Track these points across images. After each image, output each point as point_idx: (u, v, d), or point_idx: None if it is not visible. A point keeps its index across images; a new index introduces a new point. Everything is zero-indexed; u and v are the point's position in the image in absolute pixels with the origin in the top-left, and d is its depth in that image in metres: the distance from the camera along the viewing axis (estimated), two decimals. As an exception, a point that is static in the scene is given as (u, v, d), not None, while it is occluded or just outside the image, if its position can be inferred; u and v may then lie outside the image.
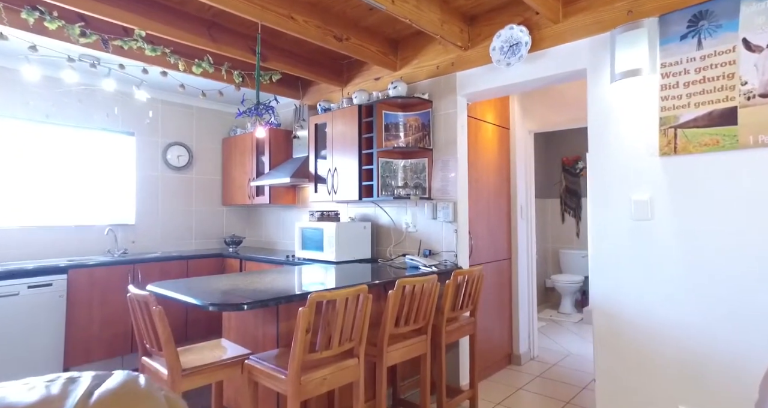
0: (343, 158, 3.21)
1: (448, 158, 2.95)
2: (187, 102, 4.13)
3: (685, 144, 1.93)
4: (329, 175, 3.31)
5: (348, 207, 3.59)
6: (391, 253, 3.24)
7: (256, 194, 3.99)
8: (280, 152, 3.93)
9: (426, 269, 2.67)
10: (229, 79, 3.08)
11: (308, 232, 3.28)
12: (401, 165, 3.15)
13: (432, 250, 3.01)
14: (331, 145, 3.30)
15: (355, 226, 3.18)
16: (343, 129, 3.21)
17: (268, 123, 2.38)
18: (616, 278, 2.18)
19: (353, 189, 3.13)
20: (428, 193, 3.03)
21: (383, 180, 3.06)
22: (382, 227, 3.33)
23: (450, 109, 2.95)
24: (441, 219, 2.95)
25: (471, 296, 2.58)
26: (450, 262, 2.91)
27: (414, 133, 3.10)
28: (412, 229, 3.12)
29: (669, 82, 1.98)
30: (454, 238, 2.90)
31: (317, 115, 3.44)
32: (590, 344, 3.99)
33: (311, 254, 3.22)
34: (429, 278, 2.18)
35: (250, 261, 3.55)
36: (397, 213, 3.23)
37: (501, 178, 3.47)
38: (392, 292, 2.03)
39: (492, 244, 3.33)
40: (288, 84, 3.82)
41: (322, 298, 1.68)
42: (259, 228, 4.47)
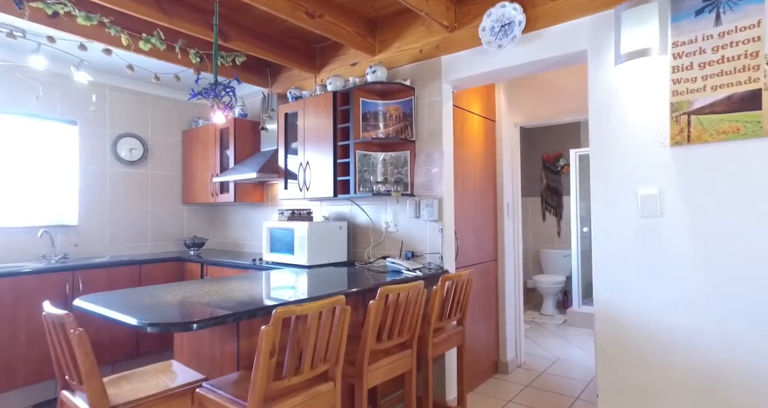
0: (316, 151, 2.90)
1: (433, 151, 2.69)
2: (140, 88, 3.71)
3: (699, 132, 1.73)
4: (300, 169, 2.99)
5: (322, 205, 3.28)
6: (370, 256, 2.96)
7: (219, 192, 3.62)
8: (247, 145, 3.58)
9: (409, 274, 2.40)
10: (184, 61, 2.72)
11: (277, 233, 2.95)
12: (380, 158, 2.86)
13: (415, 251, 2.74)
14: (303, 136, 2.99)
15: (330, 225, 2.88)
16: (316, 119, 2.90)
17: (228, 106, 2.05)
18: (622, 281, 1.97)
19: (327, 185, 2.82)
20: (410, 190, 2.76)
21: (361, 175, 2.77)
22: (359, 227, 3.04)
23: (434, 97, 2.69)
24: (425, 218, 2.68)
25: (459, 303, 2.32)
26: (434, 264, 2.65)
27: (395, 124, 2.82)
28: (393, 228, 2.85)
29: (682, 63, 1.77)
30: (439, 239, 2.64)
31: (287, 103, 3.12)
32: (576, 348, 3.82)
33: (281, 257, 2.90)
34: (415, 285, 1.90)
35: (212, 266, 3.19)
36: (377, 211, 2.95)
37: (487, 174, 3.24)
38: (374, 303, 1.74)
39: (478, 245, 3.09)
40: (255, 70, 3.47)
41: (291, 313, 1.38)
42: (225, 229, 4.10)
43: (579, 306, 4.63)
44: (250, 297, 1.74)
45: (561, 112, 3.25)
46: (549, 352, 3.72)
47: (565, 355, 3.63)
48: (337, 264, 2.86)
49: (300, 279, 2.29)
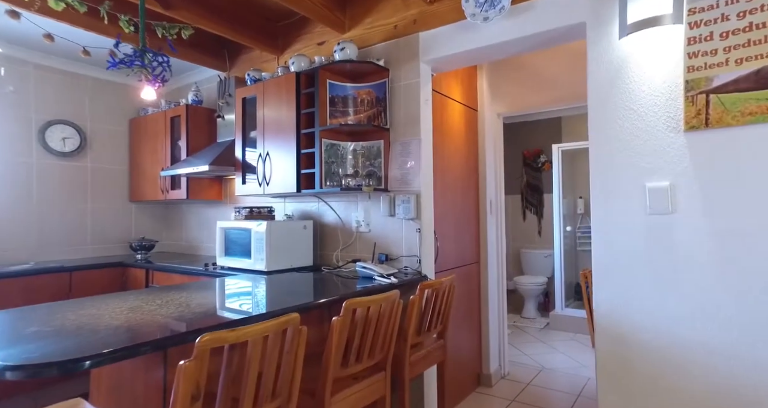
0: (277, 140, 2.54)
1: (409, 140, 2.38)
2: (75, 69, 3.24)
3: (720, 114, 1.48)
4: (260, 161, 2.63)
5: (286, 202, 2.92)
6: (339, 259, 2.62)
7: (170, 187, 3.21)
8: (201, 136, 3.18)
9: (383, 280, 2.07)
10: (114, 30, 2.30)
11: (232, 235, 2.58)
12: (350, 148, 2.53)
13: (389, 254, 2.43)
14: (263, 124, 2.62)
15: (293, 225, 2.53)
16: (277, 103, 2.54)
17: (158, 79, 1.68)
18: (626, 289, 1.70)
19: (290, 179, 2.47)
20: (384, 184, 2.44)
21: (328, 167, 2.43)
22: (327, 227, 2.70)
23: (411, 79, 2.38)
24: (401, 216, 2.37)
25: (440, 314, 2.02)
26: (412, 269, 2.34)
27: (366, 109, 2.50)
28: (365, 228, 2.52)
29: (700, 33, 1.51)
30: (416, 240, 2.33)
31: (245, 87, 2.75)
32: (561, 355, 3.59)
33: (236, 262, 2.53)
34: (388, 297, 1.58)
35: (159, 271, 2.79)
36: (346, 209, 2.61)
37: (469, 169, 2.95)
38: (337, 321, 1.41)
39: (459, 246, 2.80)
40: (211, 51, 3.09)
41: (221, 341, 1.03)
42: (179, 229, 3.67)
43: (562, 309, 4.42)
44: (180, 315, 1.38)
45: (547, 101, 2.99)
46: (533, 360, 3.47)
47: (551, 364, 3.39)
48: (301, 269, 2.51)
49: (255, 288, 1.93)
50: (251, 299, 1.68)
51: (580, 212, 4.89)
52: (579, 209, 4.89)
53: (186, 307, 1.50)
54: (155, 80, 1.66)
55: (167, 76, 1.72)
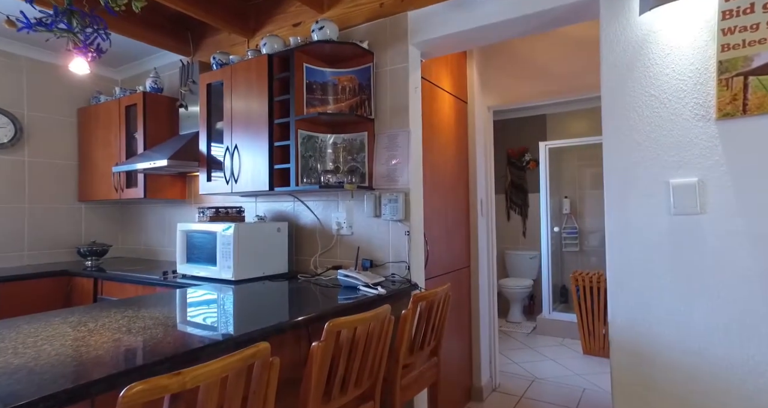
0: (247, 132, 2.24)
1: (397, 132, 2.12)
2: (5, 47, 2.83)
3: (761, 99, 1.29)
4: (227, 156, 2.32)
5: (257, 202, 2.62)
6: (318, 266, 2.35)
7: (125, 185, 2.85)
8: (161, 128, 2.84)
9: (369, 291, 1.81)
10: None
11: (195, 238, 2.26)
12: (330, 141, 2.26)
13: (374, 260, 2.17)
14: (230, 113, 2.32)
15: (265, 227, 2.24)
16: (247, 89, 2.25)
17: (92, 48, 1.36)
18: (647, 299, 1.50)
19: (261, 175, 2.18)
20: (369, 181, 2.18)
21: (305, 162, 2.15)
22: (304, 229, 2.42)
23: (398, 64, 2.13)
24: (387, 216, 2.11)
25: (435, 329, 1.77)
26: (400, 276, 2.09)
27: (348, 98, 2.23)
28: (347, 231, 2.25)
29: (737, 5, 1.32)
30: (405, 243, 2.08)
31: (211, 71, 2.43)
32: (553, 363, 3.41)
33: (200, 270, 2.21)
34: (378, 313, 1.32)
35: (110, 281, 2.43)
36: (326, 209, 2.34)
37: (459, 165, 2.73)
38: (318, 347, 1.14)
39: (450, 250, 2.57)
40: (172, 32, 2.75)
41: (159, 391, 0.75)
42: (136, 232, 3.30)
43: (549, 312, 4.26)
44: (114, 348, 1.08)
45: (541, 93, 2.80)
46: (524, 370, 3.28)
47: (543, 373, 3.21)
48: (274, 277, 2.22)
49: (219, 303, 1.64)
50: (212, 319, 1.39)
51: (566, 212, 4.76)
52: (565, 209, 4.76)
53: (126, 333, 1.20)
54: (87, 49, 1.34)
55: (104, 45, 1.41)
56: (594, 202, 4.65)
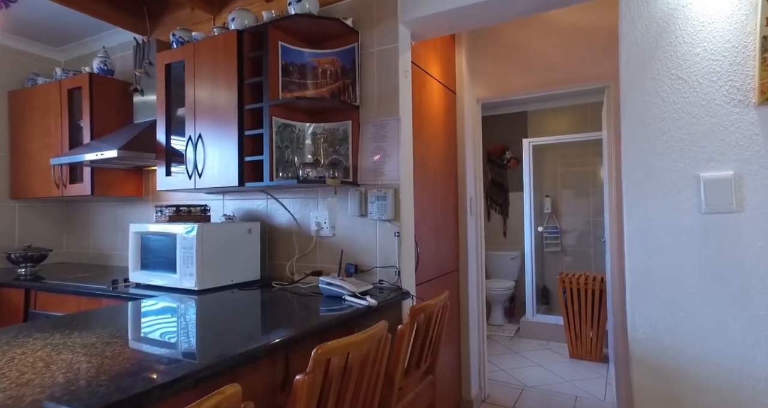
0: (213, 119, 1.95)
1: (385, 121, 1.89)
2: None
3: (809, 81, 1.14)
4: (190, 146, 2.02)
5: (225, 200, 2.33)
6: (295, 271, 2.08)
7: (69, 181, 2.49)
8: (112, 115, 2.50)
9: (358, 302, 1.57)
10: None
11: (152, 242, 1.95)
12: (309, 131, 2.01)
13: (360, 265, 1.93)
14: (193, 97, 2.02)
15: (234, 228, 1.96)
16: (213, 71, 1.96)
17: None
18: (673, 309, 1.33)
19: (229, 169, 1.90)
20: (353, 176, 1.94)
21: (280, 154, 1.89)
22: (278, 230, 2.15)
23: (387, 44, 1.90)
24: (374, 216, 1.88)
25: (432, 344, 1.56)
26: (389, 283, 1.86)
27: (330, 82, 1.98)
28: (328, 232, 2.00)
29: (782, -24, 1.17)
30: (394, 246, 1.85)
31: (170, 50, 2.12)
32: (541, 369, 3.27)
33: (157, 278, 1.91)
34: (374, 333, 1.09)
35: (46, 292, 2.08)
36: (304, 207, 2.08)
37: (448, 160, 2.52)
38: (304, 381, 0.89)
39: (440, 252, 2.36)
40: (125, 6, 2.42)
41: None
42: (84, 235, 2.92)
43: (533, 315, 4.14)
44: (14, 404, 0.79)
45: (534, 84, 2.64)
46: (512, 377, 3.11)
47: (531, 380, 3.05)
48: (245, 285, 1.94)
49: (178, 320, 1.35)
50: (167, 344, 1.11)
51: (548, 212, 4.66)
52: (546, 208, 4.66)
53: (39, 374, 0.91)
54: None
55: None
56: (575, 201, 4.58)
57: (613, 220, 2.48)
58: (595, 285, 3.35)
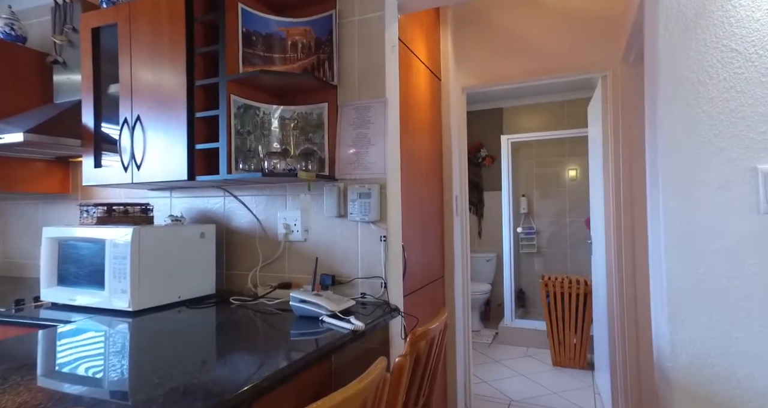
0: (155, 97, 1.58)
1: (369, 103, 1.59)
2: None
3: None
4: (125, 131, 1.63)
5: (172, 197, 1.94)
6: (258, 284, 1.74)
7: (-29, 174, 2.01)
8: (24, 92, 2.04)
9: (339, 325, 1.25)
10: None
11: (74, 250, 1.54)
12: (277, 114, 1.67)
13: (338, 275, 1.61)
14: (129, 71, 1.63)
15: (183, 232, 1.59)
16: (154, 36, 1.58)
17: None
18: (726, 328, 1.11)
19: (176, 159, 1.53)
20: (330, 169, 1.62)
21: (241, 141, 1.54)
22: (238, 234, 1.79)
23: (370, 12, 1.60)
24: (356, 216, 1.57)
25: (431, 373, 1.27)
26: (372, 297, 1.56)
27: (302, 57, 1.65)
28: (299, 235, 1.67)
29: None
30: (380, 253, 1.55)
31: (97, 10, 1.71)
32: (526, 380, 3.06)
33: (78, 295, 1.51)
34: (370, 382, 0.79)
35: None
36: (270, 206, 1.74)
37: (434, 154, 2.25)
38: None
39: (426, 258, 2.08)
40: (44, -40, 1.97)
41: None
42: None
43: (512, 320, 3.95)
44: None
45: (524, 72, 2.41)
46: (496, 390, 2.89)
47: (517, 393, 2.84)
48: (195, 302, 1.57)
49: (104, 356, 0.98)
50: (79, 403, 0.75)
51: (524, 211, 4.51)
52: (522, 208, 4.51)
53: None
54: None
55: None
56: (551, 201, 4.45)
57: (610, 221, 2.30)
58: (579, 288, 3.19)
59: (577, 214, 4.33)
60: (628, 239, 2.17)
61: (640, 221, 2.14)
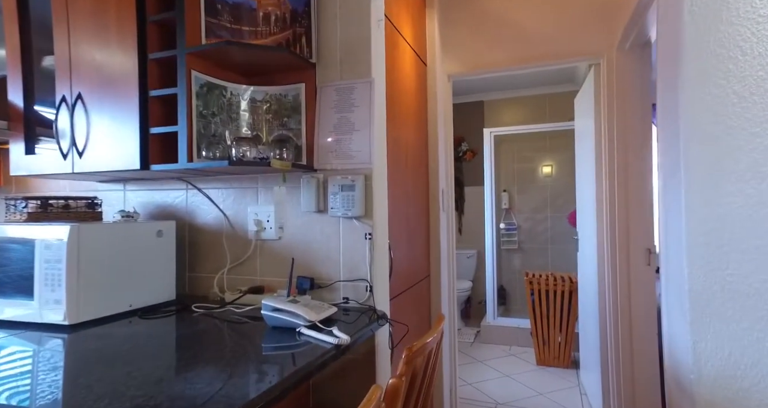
0: (99, 73, 1.34)
1: (352, 84, 1.40)
2: None
3: None
4: (63, 111, 1.39)
5: (126, 190, 1.70)
6: (226, 289, 1.53)
7: None
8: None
9: (320, 338, 1.06)
10: None
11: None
12: (247, 96, 1.46)
13: (318, 278, 1.42)
14: (67, 41, 1.38)
15: (135, 231, 1.36)
16: (95, 1, 1.34)
17: None
18: (759, 338, 0.99)
19: (126, 145, 1.31)
20: (307, 158, 1.43)
21: (204, 125, 1.33)
22: (204, 232, 1.58)
23: (356, -20, 1.41)
24: (338, 211, 1.38)
25: (425, 390, 1.10)
26: (356, 301, 1.38)
27: (276, 31, 1.45)
28: (273, 233, 1.47)
29: None
30: (365, 252, 1.37)
31: (34, -29, 1.46)
32: (512, 381, 2.96)
33: (7, 308, 1.26)
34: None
35: None
36: (239, 200, 1.53)
37: (419, 144, 2.09)
38: None
39: (412, 256, 1.92)
40: None
41: None
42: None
43: (494, 318, 3.86)
44: None
45: (515, 59, 2.28)
46: (482, 393, 2.77)
47: (503, 395, 2.72)
48: (150, 311, 1.35)
49: (31, 387, 0.77)
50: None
51: (505, 207, 4.42)
52: (504, 204, 4.42)
53: None
54: None
55: None
56: (531, 196, 4.37)
57: (603, 217, 2.19)
58: (564, 286, 3.11)
59: (556, 209, 4.27)
60: (622, 235, 2.07)
61: (635, 216, 2.04)
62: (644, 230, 2.03)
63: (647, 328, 2.02)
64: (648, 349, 2.01)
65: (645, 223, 2.03)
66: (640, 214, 2.03)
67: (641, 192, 2.03)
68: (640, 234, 2.03)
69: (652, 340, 2.01)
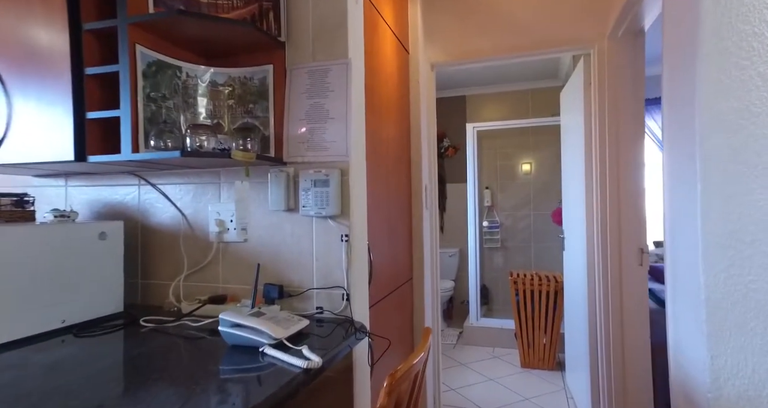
0: (21, 48, 1.14)
1: (327, 66, 1.24)
2: None
3: None
4: (-15, 93, 1.17)
5: (68, 186, 1.49)
6: (182, 298, 1.34)
7: None
8: None
9: (285, 360, 0.90)
10: None
11: None
12: (206, 77, 1.27)
13: (288, 285, 1.26)
14: (-9, 8, 1.17)
15: (73, 233, 1.16)
16: (25, -40, 1.13)
17: None
18: (784, 348, 0.88)
19: (58, 133, 1.11)
20: (276, 149, 1.26)
21: (154, 109, 1.14)
22: (158, 233, 1.39)
23: (330, -53, 1.24)
24: (310, 210, 1.22)
25: (414, 419, 0.96)
26: (331, 312, 1.22)
27: (240, 5, 1.27)
28: (236, 235, 1.30)
29: None
30: (341, 256, 1.21)
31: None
32: (496, 385, 2.85)
33: None
34: None
35: None
36: (199, 198, 1.35)
37: (401, 137, 1.93)
38: None
39: (393, 258, 1.77)
40: None
41: None
42: None
43: (477, 319, 3.75)
44: None
45: (499, 47, 2.15)
46: (466, 399, 2.65)
47: (488, 401, 2.61)
48: (90, 326, 1.16)
49: None
50: None
51: (488, 204, 4.32)
52: (486, 201, 4.32)
53: None
54: None
55: None
56: (513, 193, 4.29)
57: (593, 215, 2.09)
58: (549, 285, 3.02)
59: (536, 206, 4.20)
60: (614, 234, 1.97)
61: (627, 214, 1.95)
62: (636, 229, 1.93)
63: (639, 331, 1.93)
64: (640, 353, 1.92)
65: (637, 222, 1.93)
66: (633, 212, 1.94)
67: (633, 189, 1.94)
68: (632, 233, 1.94)
69: (645, 344, 1.92)
